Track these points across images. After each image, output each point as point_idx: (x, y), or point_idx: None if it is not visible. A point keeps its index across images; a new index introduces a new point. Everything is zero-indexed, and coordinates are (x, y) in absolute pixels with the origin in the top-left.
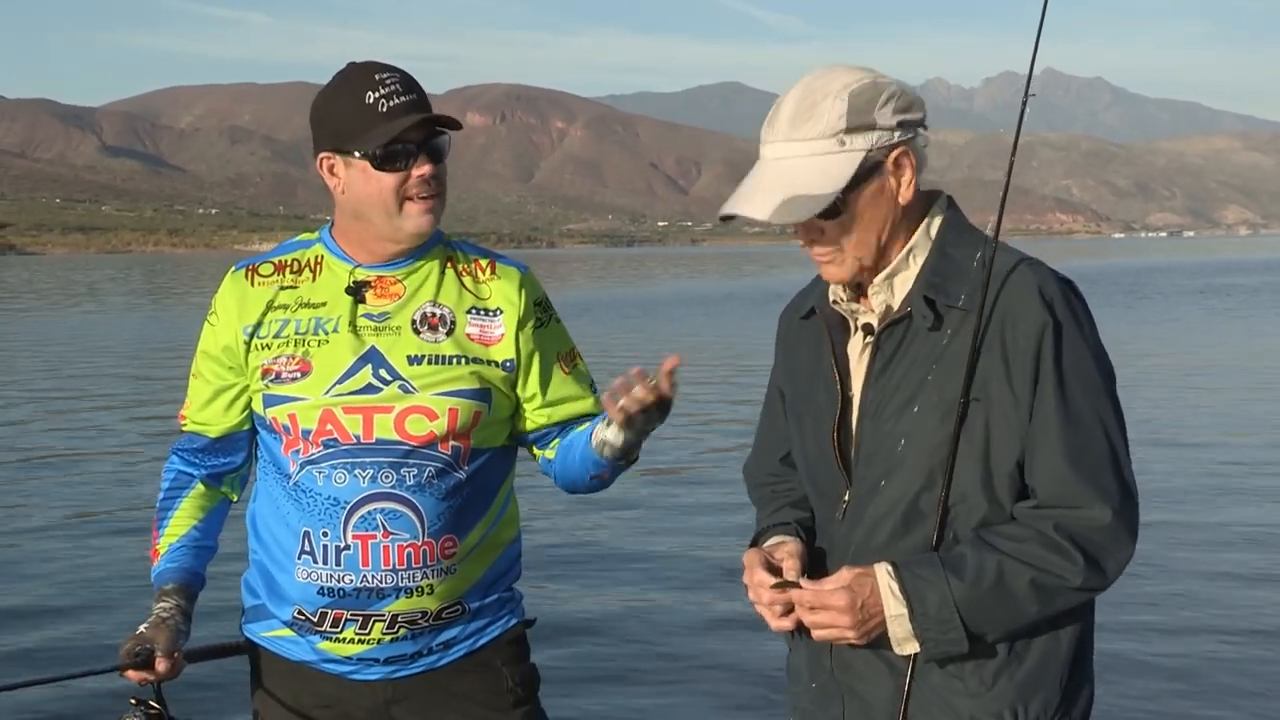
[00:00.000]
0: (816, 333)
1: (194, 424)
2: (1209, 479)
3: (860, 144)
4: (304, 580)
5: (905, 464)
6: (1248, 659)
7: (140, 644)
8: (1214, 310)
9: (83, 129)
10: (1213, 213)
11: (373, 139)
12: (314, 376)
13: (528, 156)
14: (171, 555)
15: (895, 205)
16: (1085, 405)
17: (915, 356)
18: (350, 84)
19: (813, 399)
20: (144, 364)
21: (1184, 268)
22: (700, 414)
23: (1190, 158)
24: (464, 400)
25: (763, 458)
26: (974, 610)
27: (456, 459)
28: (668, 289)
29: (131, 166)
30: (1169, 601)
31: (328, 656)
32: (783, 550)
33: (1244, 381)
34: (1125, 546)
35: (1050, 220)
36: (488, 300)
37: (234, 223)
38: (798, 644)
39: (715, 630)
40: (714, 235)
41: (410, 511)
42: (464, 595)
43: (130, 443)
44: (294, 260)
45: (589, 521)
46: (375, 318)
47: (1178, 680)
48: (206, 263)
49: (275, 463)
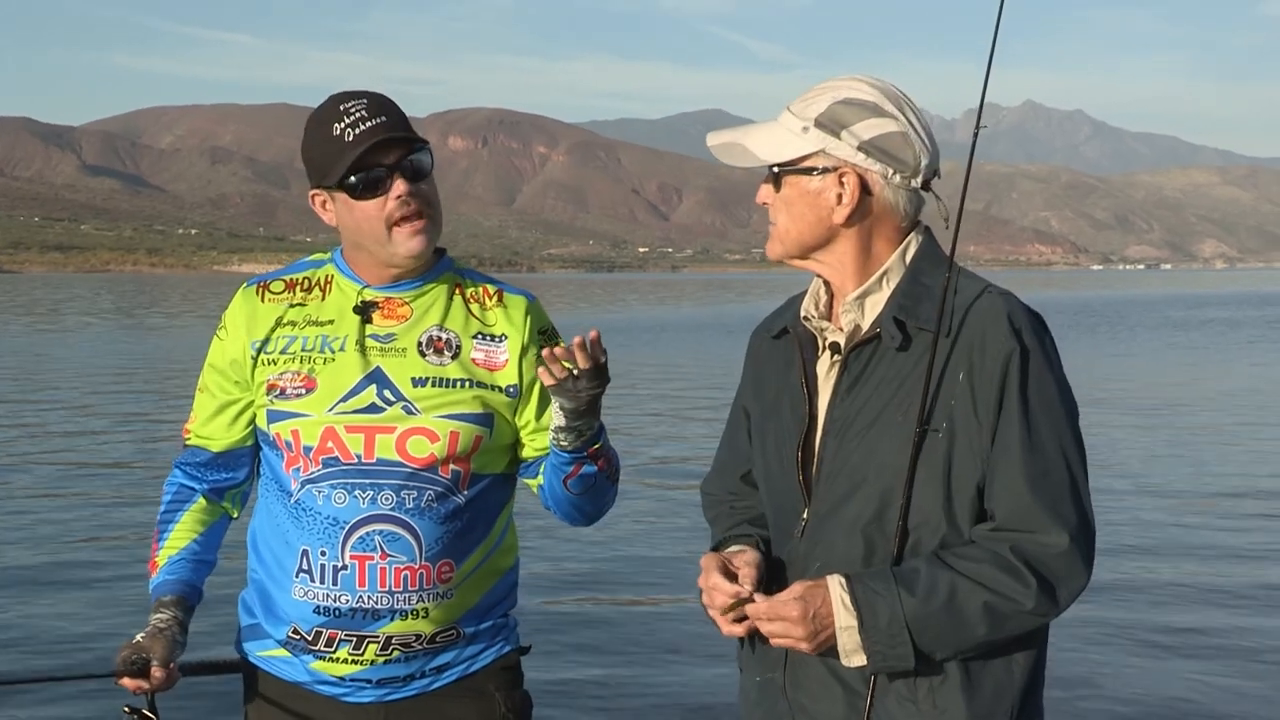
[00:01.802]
0: (786, 351)
1: (198, 438)
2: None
3: (815, 141)
4: (300, 598)
5: (867, 483)
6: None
7: (137, 652)
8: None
9: (63, 148)
10: (1190, 246)
11: (341, 168)
12: (318, 393)
13: (510, 181)
14: (170, 568)
15: (828, 219)
16: (1048, 433)
17: (882, 377)
18: (320, 119)
19: (778, 416)
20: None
21: (1163, 300)
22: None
23: (1169, 191)
24: (466, 424)
25: (723, 476)
26: (924, 627)
27: (456, 483)
28: (645, 316)
29: (111, 186)
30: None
31: (321, 677)
32: (740, 559)
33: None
34: (1079, 575)
35: (1029, 251)
36: (493, 326)
37: (214, 243)
38: (749, 664)
39: (709, 659)
40: (694, 262)
41: (409, 534)
42: (459, 620)
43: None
44: (305, 279)
45: (581, 553)
46: (381, 338)
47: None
48: (183, 283)
49: (277, 480)
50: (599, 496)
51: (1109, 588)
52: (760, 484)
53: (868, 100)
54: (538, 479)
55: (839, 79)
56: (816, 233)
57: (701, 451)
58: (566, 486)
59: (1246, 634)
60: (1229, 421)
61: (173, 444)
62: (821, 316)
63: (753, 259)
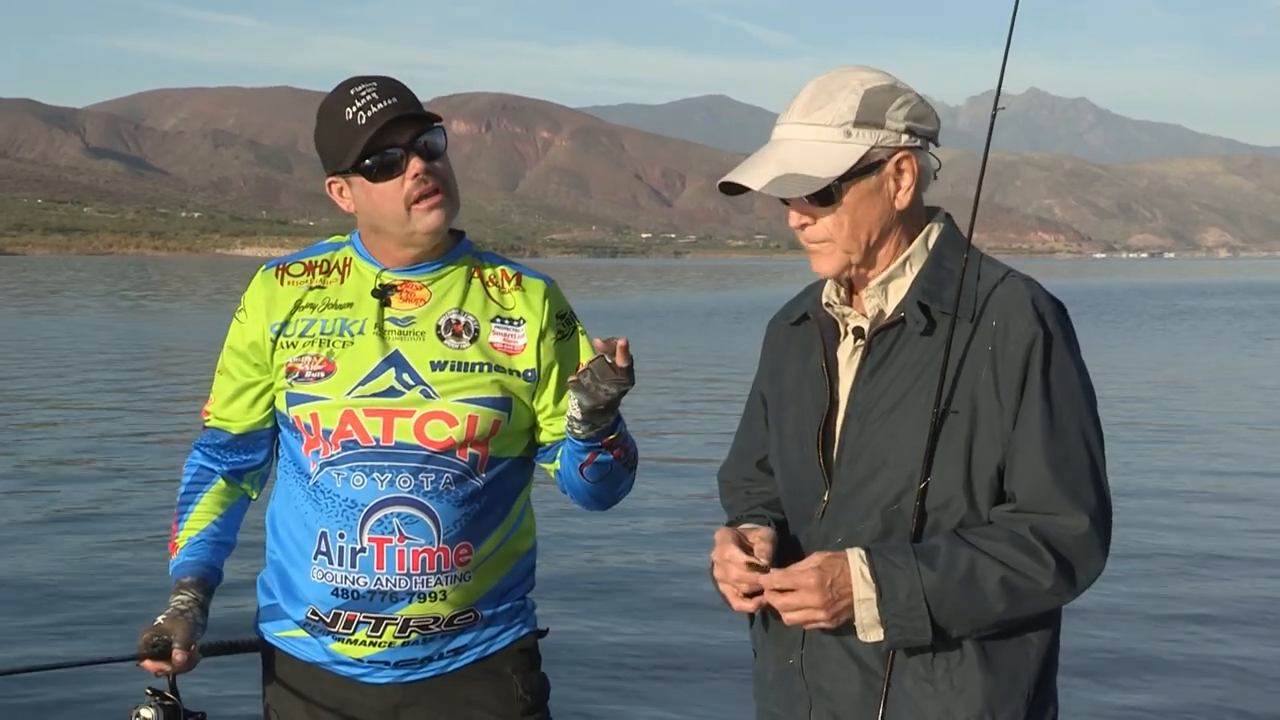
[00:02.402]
0: (806, 337)
1: (217, 420)
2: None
3: (865, 139)
4: (319, 580)
5: (888, 465)
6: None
7: (158, 635)
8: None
9: (66, 130)
10: (1193, 235)
11: (356, 152)
12: (337, 377)
13: (513, 165)
14: (191, 549)
15: (891, 209)
16: (1069, 416)
17: (906, 361)
18: (331, 105)
19: (798, 401)
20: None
21: (1165, 289)
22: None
23: (1172, 180)
24: (484, 408)
25: (740, 462)
26: (942, 601)
27: (474, 466)
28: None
29: (114, 168)
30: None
31: (339, 658)
32: (755, 535)
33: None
34: (1097, 558)
35: (1033, 239)
36: (511, 310)
37: (216, 226)
38: (764, 649)
39: (723, 646)
40: (697, 248)
41: (426, 517)
42: (477, 602)
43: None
44: (324, 261)
45: (600, 542)
46: (400, 322)
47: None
48: (187, 266)
49: (295, 462)
50: (615, 484)
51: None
52: (777, 469)
53: (883, 83)
54: (554, 464)
55: (832, 77)
56: (881, 227)
57: (706, 434)
58: (582, 474)
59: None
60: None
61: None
62: (844, 302)
63: (755, 245)
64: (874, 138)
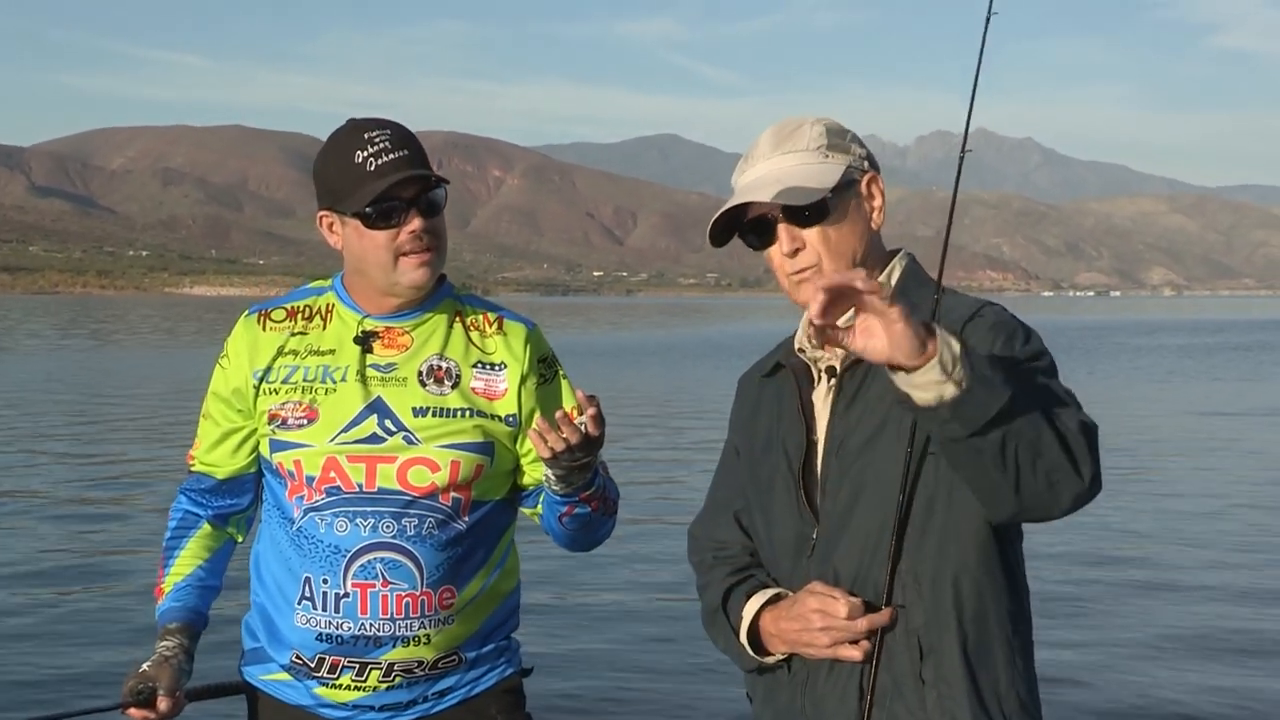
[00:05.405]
0: (780, 385)
1: (202, 465)
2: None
3: (840, 160)
4: (303, 625)
5: (870, 495)
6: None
7: (143, 682)
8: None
9: (11, 168)
10: (1139, 273)
11: (361, 198)
12: (320, 424)
13: (464, 204)
14: (176, 594)
15: (869, 229)
16: (1042, 380)
17: (878, 393)
18: (341, 143)
19: (776, 446)
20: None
21: (1118, 326)
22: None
23: (1118, 219)
24: (467, 453)
25: (714, 518)
26: (1007, 391)
27: (457, 510)
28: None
29: (61, 207)
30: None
31: (324, 702)
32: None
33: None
34: (1088, 462)
35: (981, 277)
36: (493, 355)
37: (165, 265)
38: (762, 693)
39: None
40: (649, 286)
41: (410, 561)
42: (461, 645)
43: None
44: (306, 307)
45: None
46: (382, 368)
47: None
48: (134, 304)
49: (279, 507)
50: (594, 531)
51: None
52: (757, 516)
53: (834, 123)
54: (536, 508)
55: (786, 122)
56: (864, 246)
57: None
58: (562, 523)
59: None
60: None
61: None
62: (815, 347)
63: (706, 283)
64: (846, 160)
